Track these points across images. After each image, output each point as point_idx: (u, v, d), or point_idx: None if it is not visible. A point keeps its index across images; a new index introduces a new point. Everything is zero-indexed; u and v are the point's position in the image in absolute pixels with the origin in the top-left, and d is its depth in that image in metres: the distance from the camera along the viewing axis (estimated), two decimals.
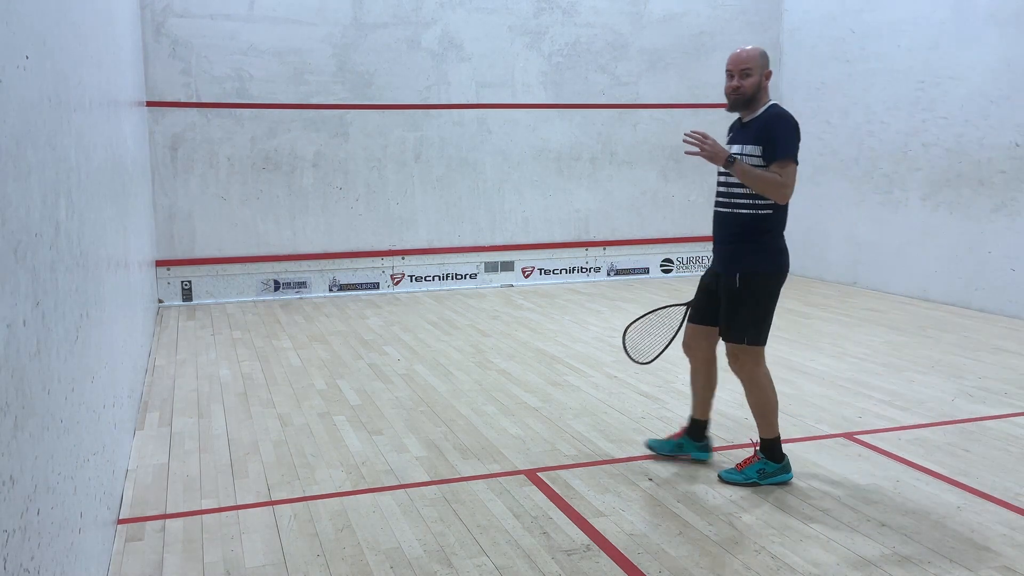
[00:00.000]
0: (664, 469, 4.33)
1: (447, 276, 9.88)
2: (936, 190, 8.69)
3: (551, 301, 9.07)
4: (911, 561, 3.36)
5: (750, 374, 4.11)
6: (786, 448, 4.62)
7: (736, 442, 4.70)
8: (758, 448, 4.18)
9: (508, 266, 10.10)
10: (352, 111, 9.41)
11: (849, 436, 4.79)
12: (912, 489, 4.06)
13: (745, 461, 4.18)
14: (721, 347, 4.26)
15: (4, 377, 1.83)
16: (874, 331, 7.40)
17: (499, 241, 10.05)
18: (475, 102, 9.81)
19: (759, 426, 4.18)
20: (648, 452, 4.52)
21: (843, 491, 4.04)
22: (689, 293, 9.26)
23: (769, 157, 3.92)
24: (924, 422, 5.03)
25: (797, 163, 3.95)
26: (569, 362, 6.45)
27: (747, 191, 3.99)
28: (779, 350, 6.74)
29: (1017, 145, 7.86)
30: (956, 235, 8.50)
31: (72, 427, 2.66)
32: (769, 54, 4.14)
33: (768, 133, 3.94)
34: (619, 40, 10.17)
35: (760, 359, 4.12)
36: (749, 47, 4.08)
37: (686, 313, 4.38)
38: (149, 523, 3.77)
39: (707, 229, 10.71)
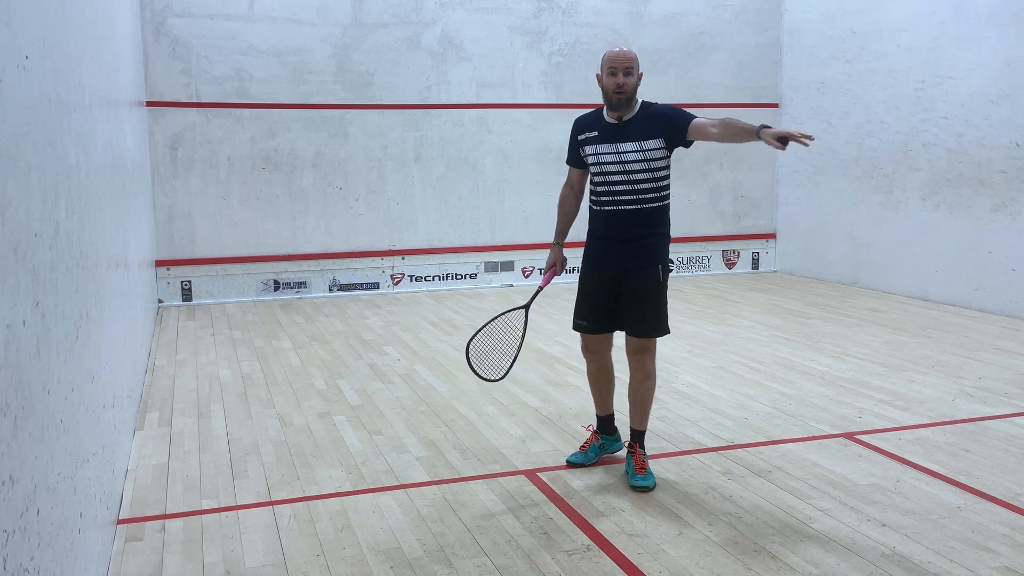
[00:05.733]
0: (664, 469, 4.33)
1: (447, 276, 9.88)
2: (936, 190, 8.69)
3: (551, 301, 9.06)
4: (911, 561, 3.36)
5: (651, 365, 4.18)
6: (786, 448, 4.64)
7: (736, 442, 4.70)
8: (638, 445, 4.21)
9: (508, 266, 10.11)
10: (352, 111, 9.41)
11: (849, 436, 4.79)
12: (912, 489, 4.06)
13: (641, 462, 4.16)
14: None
15: (4, 377, 1.83)
16: (874, 331, 7.40)
17: (499, 241, 10.05)
18: (475, 102, 9.81)
19: (642, 419, 4.22)
20: (651, 452, 4.52)
21: (843, 491, 4.04)
22: (689, 292, 9.31)
23: (683, 128, 3.98)
24: (924, 422, 5.03)
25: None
26: (569, 362, 6.45)
27: (655, 185, 4.07)
28: (779, 350, 6.74)
29: (1017, 145, 7.86)
30: (956, 235, 8.50)
31: (72, 427, 2.66)
32: (769, 54, 4.17)
33: (666, 121, 4.02)
34: (619, 40, 10.16)
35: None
36: (625, 47, 4.12)
37: (526, 318, 4.20)
38: (149, 523, 3.77)
39: (707, 229, 10.76)
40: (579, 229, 4.39)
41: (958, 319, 7.87)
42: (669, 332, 4.19)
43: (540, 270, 10.15)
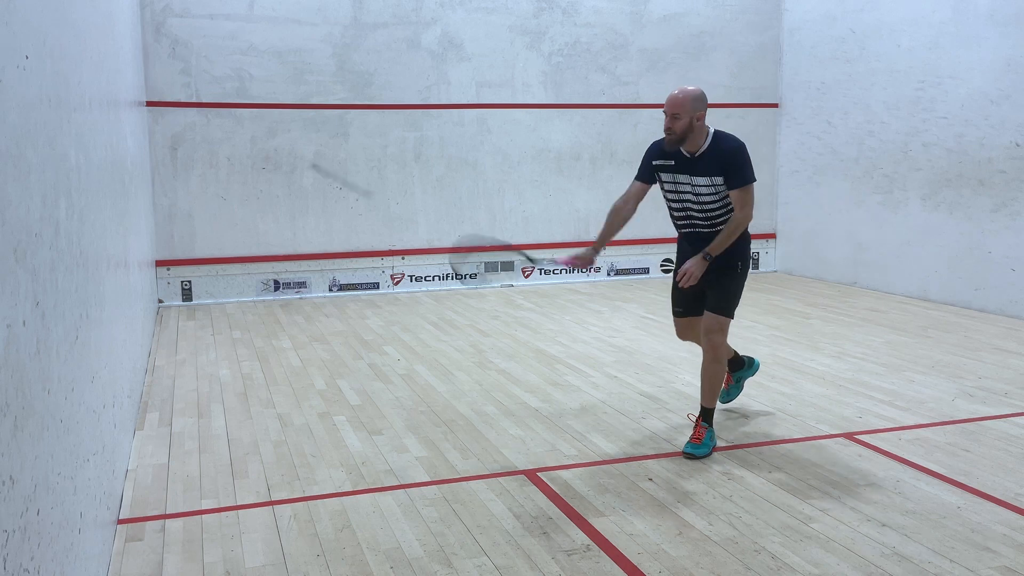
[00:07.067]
0: (664, 469, 4.33)
1: (447, 276, 9.88)
2: (936, 190, 8.69)
3: (551, 301, 9.07)
4: (911, 561, 3.36)
5: (721, 347, 4.60)
6: (786, 448, 4.64)
7: (736, 442, 4.70)
8: (702, 419, 4.59)
9: (508, 266, 10.10)
10: (352, 111, 9.41)
11: (849, 436, 4.79)
12: (912, 489, 4.06)
13: (699, 434, 4.54)
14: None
15: (4, 377, 1.83)
16: (874, 331, 7.40)
17: (499, 241, 10.03)
18: (475, 102, 9.81)
19: (710, 397, 4.61)
20: (651, 452, 4.53)
21: (843, 491, 4.04)
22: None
23: (732, 184, 4.44)
24: (924, 422, 5.03)
25: (755, 180, 4.54)
26: (569, 362, 6.45)
27: (725, 210, 4.54)
28: (779, 350, 6.74)
29: (1017, 145, 7.86)
30: (956, 235, 8.50)
31: (72, 427, 2.66)
32: (769, 54, 4.23)
33: (730, 165, 4.42)
34: (619, 40, 10.17)
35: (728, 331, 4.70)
36: (690, 88, 4.41)
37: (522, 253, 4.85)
38: (149, 523, 3.77)
39: None
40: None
41: (958, 319, 7.87)
42: (733, 317, 4.62)
43: (540, 271, 10.16)
